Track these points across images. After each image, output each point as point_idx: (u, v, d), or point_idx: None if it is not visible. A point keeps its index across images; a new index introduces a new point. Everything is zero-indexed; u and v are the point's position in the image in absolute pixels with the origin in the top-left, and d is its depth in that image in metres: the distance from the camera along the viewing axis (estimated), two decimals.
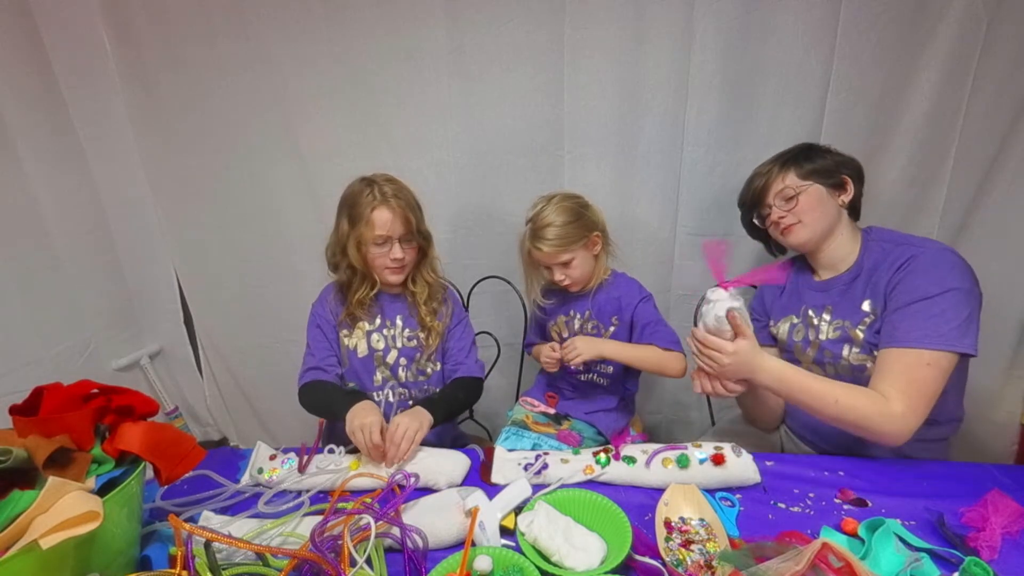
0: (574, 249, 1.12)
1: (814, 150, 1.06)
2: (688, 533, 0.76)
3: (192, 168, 1.56)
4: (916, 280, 0.91)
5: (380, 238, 1.10)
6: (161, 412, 1.71)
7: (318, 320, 1.20)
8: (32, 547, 0.54)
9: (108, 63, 1.47)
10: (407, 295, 1.22)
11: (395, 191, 1.11)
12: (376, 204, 1.09)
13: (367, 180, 1.12)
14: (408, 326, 1.22)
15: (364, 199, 1.09)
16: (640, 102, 1.34)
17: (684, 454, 0.92)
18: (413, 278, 1.21)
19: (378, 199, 1.09)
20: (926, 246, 0.94)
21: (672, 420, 1.69)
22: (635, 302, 1.18)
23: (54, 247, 1.47)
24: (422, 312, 1.20)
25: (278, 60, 1.40)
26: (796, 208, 1.02)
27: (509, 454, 0.98)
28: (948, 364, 0.87)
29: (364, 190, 1.10)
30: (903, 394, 0.86)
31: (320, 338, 1.19)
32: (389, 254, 1.12)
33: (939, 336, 0.87)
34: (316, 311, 1.22)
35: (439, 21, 1.32)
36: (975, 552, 0.71)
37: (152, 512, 0.85)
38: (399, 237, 1.11)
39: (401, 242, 1.12)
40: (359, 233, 1.09)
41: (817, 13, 1.20)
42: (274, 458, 0.98)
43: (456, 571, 0.69)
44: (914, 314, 0.89)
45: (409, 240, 1.14)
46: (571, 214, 1.12)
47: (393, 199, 1.09)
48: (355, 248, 1.11)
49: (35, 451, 0.61)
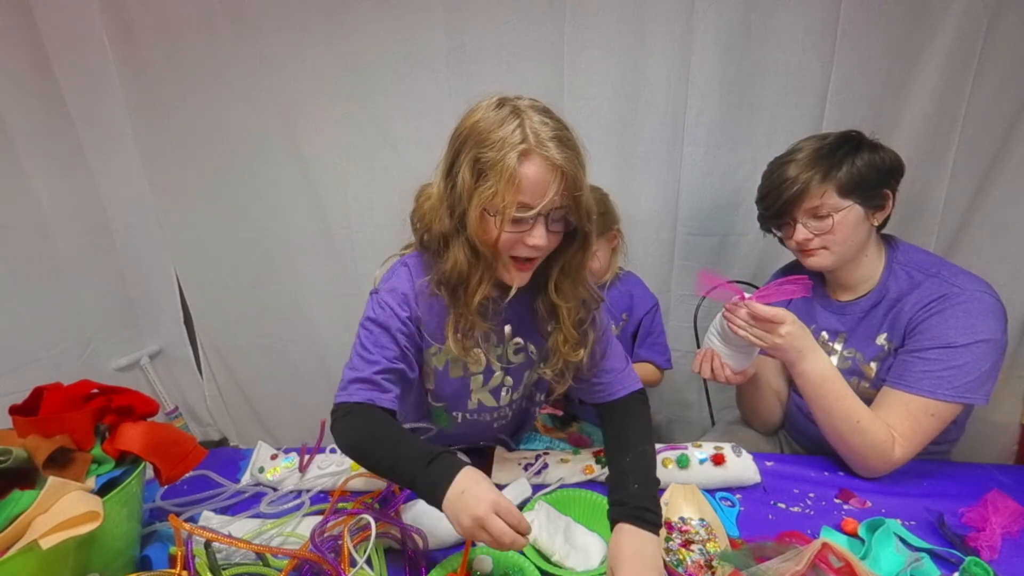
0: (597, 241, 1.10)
1: (863, 147, 0.88)
2: (688, 533, 0.76)
3: (192, 168, 1.56)
4: (944, 325, 0.83)
5: (522, 208, 0.67)
6: (161, 412, 1.70)
7: (383, 312, 0.77)
8: (32, 547, 0.54)
9: (108, 62, 1.47)
10: (529, 298, 0.82)
11: (558, 130, 0.67)
12: (527, 149, 0.65)
13: (510, 105, 0.68)
14: (520, 335, 0.85)
15: (507, 136, 0.66)
16: (640, 102, 1.34)
17: (684, 454, 0.92)
18: (557, 283, 0.78)
19: (531, 142, 0.65)
20: (961, 285, 0.85)
21: (672, 420, 1.69)
22: (648, 307, 1.20)
23: (54, 247, 1.47)
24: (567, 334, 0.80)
25: (278, 60, 1.40)
26: (827, 233, 0.88)
27: (509, 454, 0.98)
28: (951, 414, 0.85)
29: (507, 122, 0.66)
30: (904, 439, 0.84)
31: (384, 339, 0.76)
32: (525, 237, 0.70)
33: (952, 388, 0.82)
34: (385, 302, 0.77)
35: (439, 21, 1.32)
36: (975, 552, 0.71)
37: (152, 512, 0.85)
38: (549, 212, 0.69)
39: (548, 221, 0.70)
40: (492, 193, 0.66)
41: (817, 13, 1.20)
42: (275, 458, 0.98)
43: (456, 571, 0.69)
44: (932, 361, 0.83)
45: (558, 220, 0.71)
46: (599, 205, 1.10)
47: (555, 144, 0.66)
48: (479, 219, 0.69)
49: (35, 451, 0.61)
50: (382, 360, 0.75)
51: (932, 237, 1.27)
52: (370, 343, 0.76)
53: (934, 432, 0.86)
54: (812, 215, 0.89)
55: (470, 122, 0.69)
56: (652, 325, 1.22)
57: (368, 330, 0.77)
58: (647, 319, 1.21)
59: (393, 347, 0.77)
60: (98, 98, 1.51)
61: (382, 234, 1.50)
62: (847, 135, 0.91)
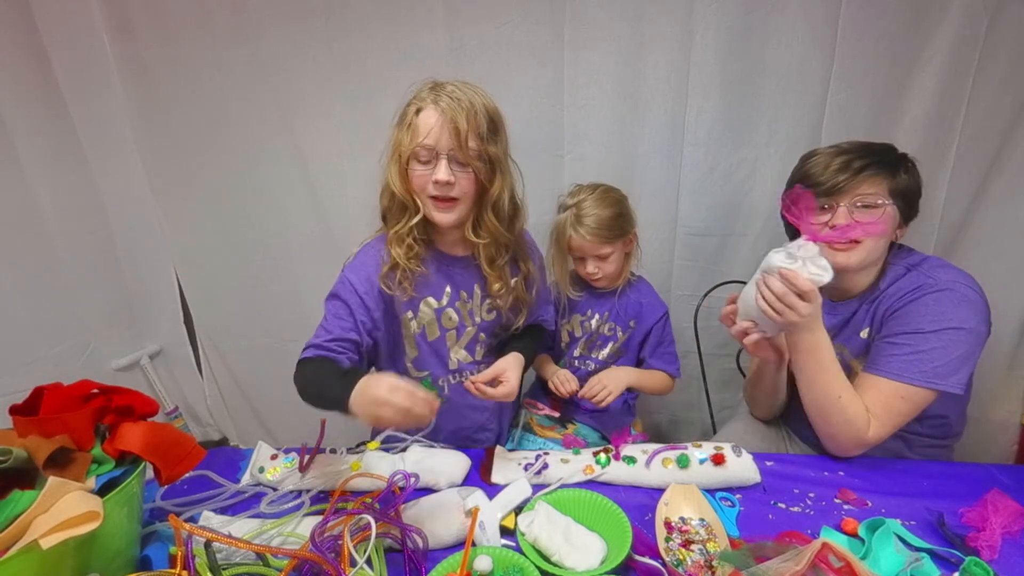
0: (615, 244, 1.11)
1: (905, 164, 0.90)
2: (688, 533, 0.76)
3: (192, 168, 1.56)
4: (914, 312, 0.87)
5: (423, 151, 0.82)
6: (161, 412, 1.71)
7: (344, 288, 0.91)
8: (32, 547, 0.54)
9: (108, 62, 1.47)
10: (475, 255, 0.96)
11: (456, 90, 0.83)
12: (424, 104, 0.82)
13: (436, 81, 0.87)
14: (487, 295, 1.00)
15: (416, 98, 0.85)
16: (640, 102, 1.34)
17: (684, 454, 0.91)
18: (474, 225, 0.91)
19: (429, 99, 0.82)
20: (937, 277, 0.88)
21: (673, 420, 1.69)
22: (658, 316, 1.20)
23: (54, 247, 1.47)
24: (489, 277, 0.94)
25: (278, 60, 1.40)
26: (868, 225, 0.86)
27: (509, 454, 0.98)
28: (923, 399, 0.87)
29: (423, 89, 0.86)
30: (877, 420, 0.87)
31: (340, 311, 0.90)
32: (432, 175, 0.83)
33: (919, 373, 0.85)
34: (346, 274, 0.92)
35: (439, 20, 1.32)
36: (975, 552, 0.71)
37: (152, 512, 0.85)
38: (447, 152, 0.83)
39: (451, 161, 0.83)
40: (399, 142, 0.85)
41: (817, 13, 1.20)
42: (275, 458, 0.97)
43: (456, 571, 0.69)
44: (900, 346, 0.88)
45: (462, 161, 0.84)
46: (620, 206, 1.11)
47: (448, 99, 0.81)
48: (396, 164, 0.86)
49: (35, 451, 0.61)
50: (336, 330, 0.89)
51: (932, 237, 1.27)
52: (330, 315, 0.91)
53: (907, 416, 0.88)
54: (863, 202, 0.87)
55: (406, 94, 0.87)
56: (663, 334, 1.22)
57: (329, 303, 0.92)
58: (657, 328, 1.20)
59: (348, 319, 0.89)
60: (98, 98, 1.51)
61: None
62: (894, 149, 0.92)
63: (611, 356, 1.23)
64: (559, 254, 1.15)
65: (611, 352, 1.23)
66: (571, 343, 1.25)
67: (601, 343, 1.23)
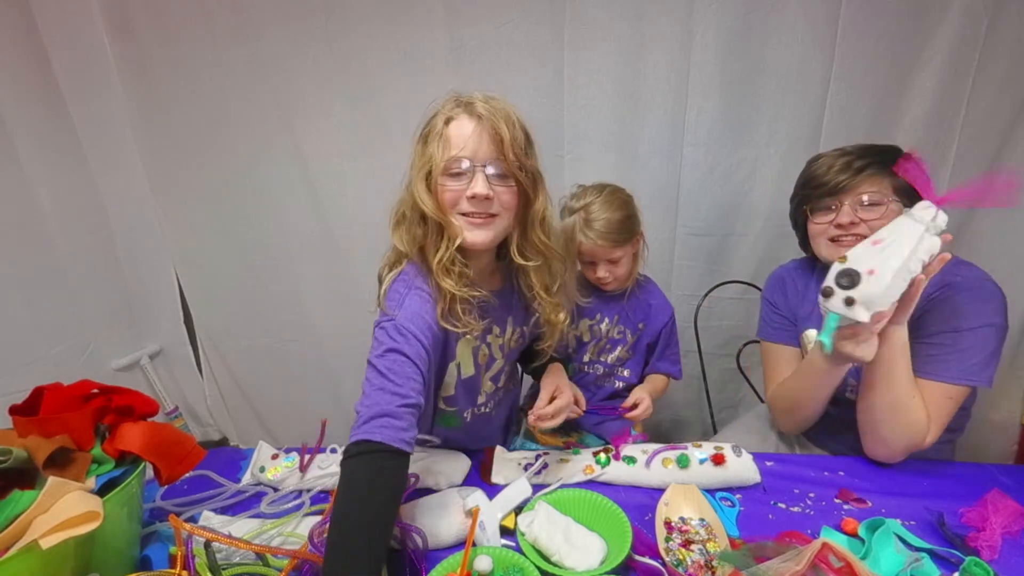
0: (625, 246, 1.09)
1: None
2: (688, 533, 0.76)
3: (192, 168, 1.56)
4: (949, 311, 0.87)
5: (455, 162, 0.72)
6: (161, 412, 1.71)
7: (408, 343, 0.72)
8: (32, 547, 0.54)
9: (108, 62, 1.47)
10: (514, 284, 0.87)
11: (488, 99, 0.75)
12: (455, 113, 0.74)
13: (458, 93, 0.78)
14: (519, 324, 0.91)
15: (442, 109, 0.76)
16: (640, 102, 1.34)
17: (684, 454, 0.91)
18: (519, 245, 0.80)
19: (461, 108, 0.74)
20: (963, 274, 0.88)
21: (673, 420, 1.69)
22: (666, 318, 1.19)
23: (54, 247, 1.47)
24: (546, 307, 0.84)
25: (278, 60, 1.40)
26: (872, 222, 0.86)
27: (509, 454, 0.98)
28: (963, 397, 0.88)
29: (448, 102, 0.77)
30: (932, 424, 0.86)
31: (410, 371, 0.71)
32: (466, 189, 0.73)
33: (962, 371, 0.86)
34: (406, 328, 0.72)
35: (439, 20, 1.32)
36: (975, 552, 0.71)
37: (152, 512, 0.85)
38: (484, 163, 0.73)
39: (488, 174, 0.73)
40: (428, 157, 0.73)
41: (817, 13, 1.20)
42: (276, 458, 0.97)
43: (456, 571, 0.68)
44: (940, 346, 0.87)
45: (503, 174, 0.74)
46: (628, 207, 1.09)
47: (482, 105, 0.73)
48: (423, 181, 0.74)
49: (35, 451, 0.61)
50: (410, 394, 0.69)
51: None
52: (399, 375, 0.69)
53: (950, 417, 0.88)
54: (866, 200, 0.88)
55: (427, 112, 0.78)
56: (671, 337, 1.21)
57: (391, 358, 0.70)
58: (666, 331, 1.19)
59: (419, 380, 0.70)
60: (98, 98, 1.51)
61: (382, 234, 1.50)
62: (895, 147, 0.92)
63: (620, 359, 1.22)
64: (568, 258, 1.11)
65: (620, 355, 1.22)
66: (580, 348, 1.24)
67: (610, 346, 1.22)
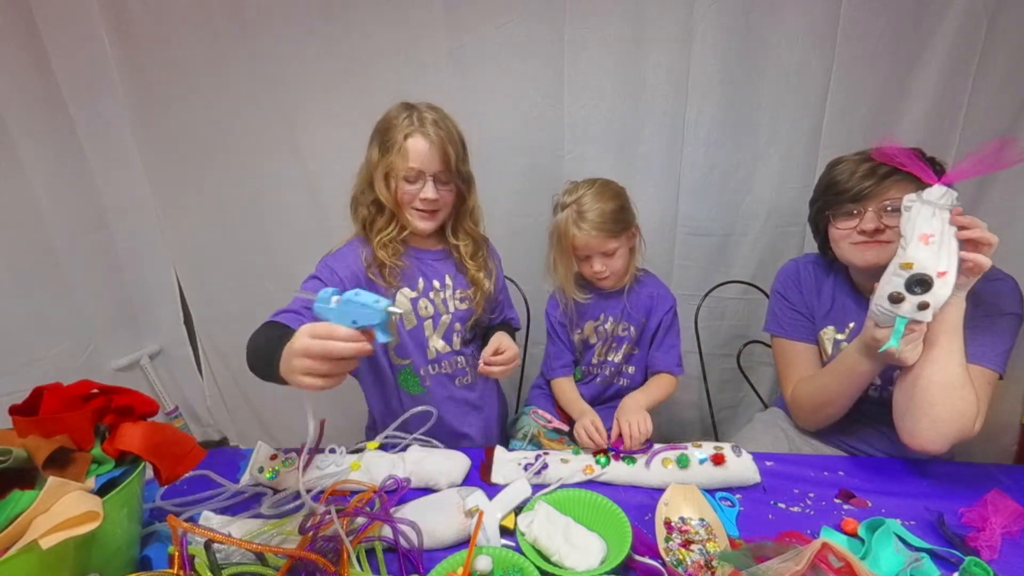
0: (620, 238, 1.07)
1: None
2: (688, 533, 0.76)
3: (192, 168, 1.56)
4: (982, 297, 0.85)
5: (412, 172, 0.96)
6: (161, 412, 1.71)
7: (323, 270, 1.00)
8: (32, 547, 0.54)
9: (108, 63, 1.47)
10: (451, 251, 1.09)
11: (436, 119, 0.97)
12: (412, 131, 0.95)
13: (407, 105, 0.99)
14: (459, 285, 1.09)
15: (399, 123, 0.96)
16: (640, 102, 1.34)
17: (684, 454, 0.91)
18: (453, 230, 1.07)
19: (415, 125, 0.95)
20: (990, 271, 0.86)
21: (673, 420, 1.69)
22: (668, 307, 1.17)
23: (54, 247, 1.47)
24: (470, 268, 1.07)
25: (278, 59, 1.40)
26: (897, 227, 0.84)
27: (509, 454, 0.98)
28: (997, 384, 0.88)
29: (401, 114, 0.97)
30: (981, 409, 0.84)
31: (315, 284, 0.98)
32: (420, 193, 0.97)
33: (997, 356, 0.87)
34: (328, 261, 1.02)
35: (439, 20, 1.32)
36: (975, 552, 0.71)
37: (152, 512, 0.85)
38: (434, 174, 0.97)
39: (436, 181, 0.98)
40: (389, 162, 0.96)
41: (817, 13, 1.20)
42: (275, 458, 0.97)
43: (457, 571, 0.68)
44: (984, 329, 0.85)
45: (446, 181, 0.99)
46: (621, 198, 1.08)
47: (432, 127, 0.95)
48: (383, 180, 0.97)
49: (35, 451, 0.61)
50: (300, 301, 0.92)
51: None
52: (302, 287, 0.98)
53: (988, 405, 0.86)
54: (889, 207, 0.88)
55: (381, 119, 1.00)
56: (671, 327, 1.18)
57: (304, 286, 0.99)
58: (666, 319, 1.17)
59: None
60: (98, 98, 1.51)
61: None
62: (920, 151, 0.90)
63: (626, 355, 1.20)
64: (562, 256, 1.10)
65: (626, 352, 1.20)
66: (587, 351, 1.22)
67: (617, 345, 1.20)
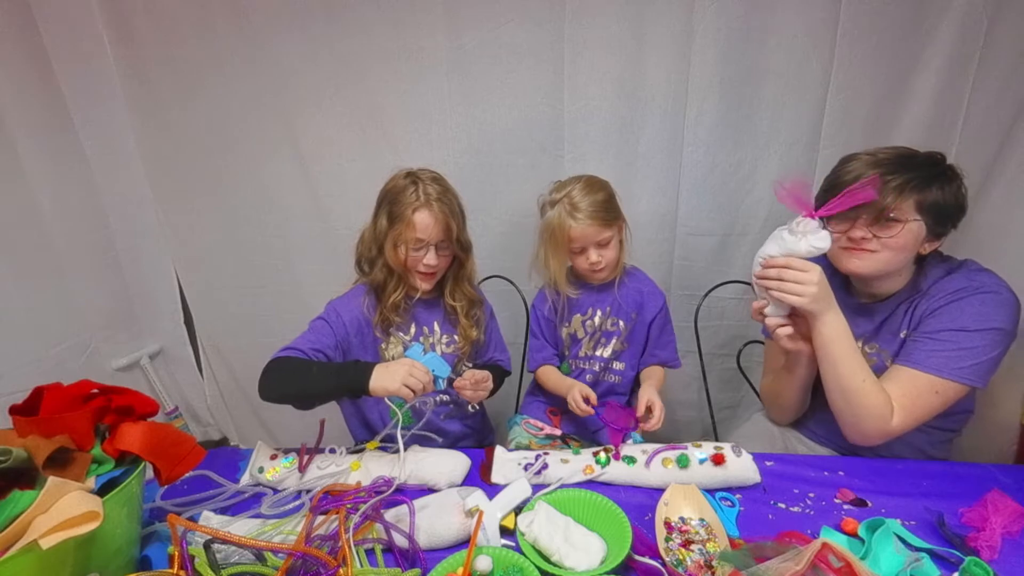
0: (613, 227, 1.10)
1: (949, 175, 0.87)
2: (688, 533, 0.76)
3: (192, 168, 1.56)
4: (957, 311, 0.87)
5: (418, 242, 1.05)
6: (161, 412, 1.71)
7: (330, 314, 1.09)
8: (32, 547, 0.54)
9: (108, 63, 1.47)
10: (442, 302, 1.18)
11: (440, 193, 1.06)
12: (419, 205, 1.03)
13: (412, 176, 1.07)
14: (445, 331, 1.18)
15: (407, 197, 1.04)
16: (640, 102, 1.34)
17: (684, 454, 0.92)
18: (452, 291, 1.16)
19: (421, 200, 1.03)
20: (982, 280, 0.89)
21: (673, 420, 1.69)
22: (659, 305, 1.20)
23: (54, 247, 1.47)
24: (465, 325, 1.17)
25: (278, 60, 1.40)
26: (886, 239, 0.87)
27: (509, 454, 0.98)
28: (956, 395, 0.88)
29: (408, 188, 1.05)
30: (903, 410, 0.87)
31: (324, 329, 1.06)
32: (423, 259, 1.07)
33: (958, 369, 0.86)
34: (336, 307, 1.11)
35: (439, 20, 1.32)
36: (975, 552, 0.71)
37: (152, 512, 0.85)
38: (436, 243, 1.07)
39: (437, 248, 1.08)
40: (398, 233, 1.04)
41: (817, 14, 1.20)
42: (275, 458, 0.97)
43: (457, 571, 0.68)
44: (942, 342, 0.87)
45: (445, 248, 1.09)
46: (608, 189, 1.12)
47: (437, 203, 1.04)
48: (392, 248, 1.06)
49: (35, 451, 0.61)
50: (319, 342, 1.03)
51: None
52: (313, 331, 1.06)
53: (934, 411, 0.89)
54: (882, 216, 0.86)
55: (387, 187, 1.09)
56: (665, 324, 1.22)
57: (314, 323, 1.08)
58: (660, 318, 1.20)
59: (330, 337, 1.05)
60: (99, 99, 1.51)
61: None
62: (936, 156, 0.90)
63: (615, 351, 1.22)
64: (556, 251, 1.12)
65: (615, 347, 1.22)
66: (573, 345, 1.25)
67: (605, 340, 1.22)
